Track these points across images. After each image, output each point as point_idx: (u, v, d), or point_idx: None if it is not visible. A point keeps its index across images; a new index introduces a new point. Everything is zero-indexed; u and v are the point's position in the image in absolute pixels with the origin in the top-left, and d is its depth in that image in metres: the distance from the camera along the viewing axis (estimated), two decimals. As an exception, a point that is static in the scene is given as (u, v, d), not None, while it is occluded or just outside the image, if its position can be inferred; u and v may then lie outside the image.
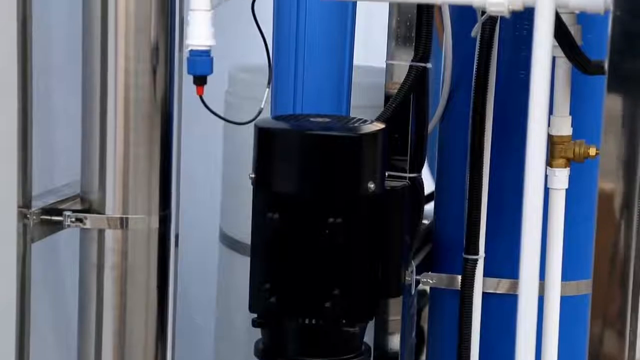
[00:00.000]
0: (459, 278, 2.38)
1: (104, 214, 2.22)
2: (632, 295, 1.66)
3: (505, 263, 2.40)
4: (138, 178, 2.21)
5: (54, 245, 2.81)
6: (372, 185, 2.00)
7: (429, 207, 2.56)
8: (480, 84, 2.27)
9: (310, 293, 2.00)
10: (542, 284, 1.81)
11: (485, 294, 2.40)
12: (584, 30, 2.11)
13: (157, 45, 2.20)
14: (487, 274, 2.40)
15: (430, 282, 2.45)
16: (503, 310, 2.39)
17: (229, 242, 2.89)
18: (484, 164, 2.32)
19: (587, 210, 2.25)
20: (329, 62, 2.29)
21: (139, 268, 2.24)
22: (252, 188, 2.04)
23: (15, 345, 2.15)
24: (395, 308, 2.38)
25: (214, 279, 3.06)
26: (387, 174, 2.10)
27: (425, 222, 2.53)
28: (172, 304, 2.31)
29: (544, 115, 1.69)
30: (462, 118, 2.38)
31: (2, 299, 2.15)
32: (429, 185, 2.53)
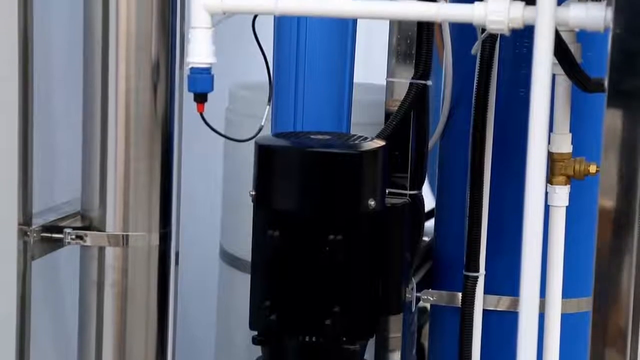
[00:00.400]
0: (460, 295, 2.38)
1: (104, 231, 2.22)
2: (632, 313, 1.66)
3: (506, 280, 2.40)
4: (138, 195, 2.21)
5: (54, 263, 2.81)
6: (372, 203, 2.00)
7: (430, 224, 2.56)
8: (481, 102, 2.28)
9: (311, 310, 2.00)
10: (542, 302, 1.80)
11: (486, 312, 2.40)
12: (584, 48, 2.11)
13: (157, 63, 2.20)
14: (487, 292, 2.40)
15: (431, 299, 2.45)
16: (503, 328, 2.39)
17: (229, 259, 2.89)
18: (484, 181, 2.32)
19: (587, 228, 2.25)
20: (330, 79, 2.29)
21: (139, 285, 2.24)
22: (252, 205, 2.04)
23: (16, 362, 2.15)
24: (396, 325, 2.38)
25: (214, 296, 3.06)
26: (387, 191, 2.10)
27: (426, 239, 2.53)
28: (172, 321, 2.31)
29: (544, 133, 1.70)
30: (462, 135, 2.39)
31: (2, 316, 2.15)
32: (430, 203, 2.53)
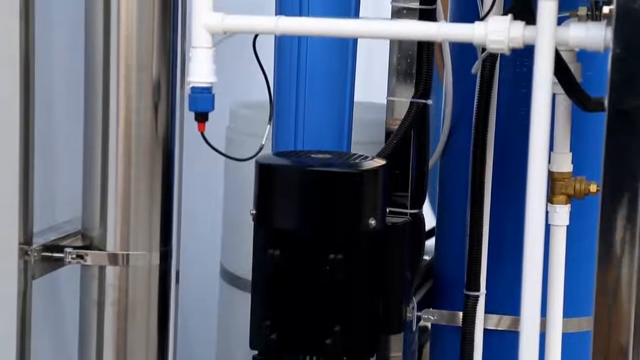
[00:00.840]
0: (460, 314, 2.38)
1: (105, 251, 2.21)
2: (633, 333, 1.65)
3: (507, 300, 2.39)
4: (139, 214, 2.22)
5: (55, 282, 2.80)
6: (373, 222, 2.00)
7: (430, 243, 2.56)
8: (481, 121, 2.28)
9: (311, 330, 1.99)
10: (543, 321, 1.80)
11: (487, 331, 2.40)
12: (584, 68, 2.12)
13: (158, 82, 2.21)
14: (488, 311, 2.39)
15: (432, 318, 2.45)
16: (504, 347, 2.38)
17: (230, 278, 2.89)
18: (485, 200, 2.32)
19: (588, 247, 2.25)
20: (330, 98, 2.29)
21: (140, 304, 2.24)
22: (253, 224, 2.04)
23: (16, 382, 2.15)
24: (397, 344, 2.38)
25: (215, 315, 3.05)
26: (388, 210, 2.10)
27: (426, 258, 2.53)
28: (172, 340, 2.30)
29: (545, 152, 1.70)
30: (462, 154, 2.39)
31: (2, 336, 2.15)
32: (430, 221, 2.53)
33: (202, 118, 1.99)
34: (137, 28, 2.17)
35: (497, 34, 1.77)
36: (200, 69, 1.95)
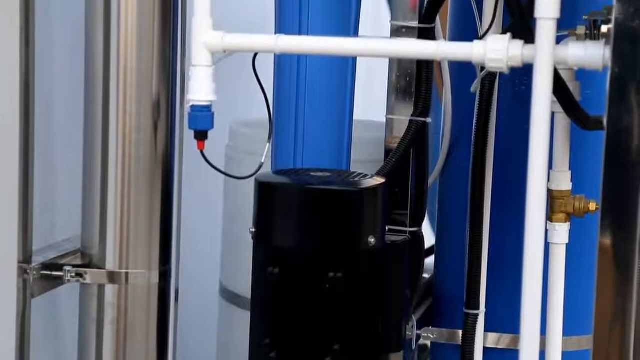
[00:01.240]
0: (460, 333, 2.37)
1: (104, 269, 2.21)
2: (633, 351, 1.65)
3: (506, 318, 2.39)
4: (138, 233, 2.21)
5: (54, 300, 2.80)
6: (372, 240, 2.00)
7: (430, 261, 2.55)
8: (480, 139, 2.28)
9: (311, 348, 1.99)
10: (543, 339, 1.80)
11: (486, 349, 2.39)
12: (583, 86, 2.12)
13: (158, 101, 2.21)
14: (488, 329, 2.39)
15: (431, 336, 2.44)
16: (504, 365, 2.38)
17: (229, 296, 2.88)
18: (484, 219, 2.32)
19: (587, 265, 2.25)
20: (330, 117, 2.29)
21: (139, 323, 2.24)
22: (252, 242, 2.04)
23: (14, 401, 2.15)
24: (396, 363, 2.37)
25: (214, 333, 3.05)
26: (387, 228, 2.10)
27: (426, 276, 2.53)
28: (172, 359, 2.30)
29: (544, 171, 1.70)
30: (462, 172, 2.39)
31: (1, 354, 2.14)
32: (430, 239, 2.53)
33: (201, 136, 1.99)
34: (137, 46, 2.18)
35: (496, 53, 1.77)
36: (200, 88, 1.95)
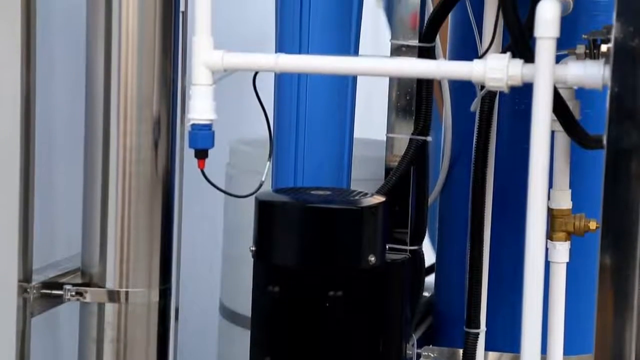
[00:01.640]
0: (461, 352, 2.37)
1: (104, 288, 2.21)
2: (634, 370, 1.65)
3: (507, 337, 2.39)
4: (139, 251, 2.21)
5: (54, 319, 2.80)
6: (372, 258, 2.00)
7: (430, 279, 2.55)
8: (480, 158, 2.28)
9: (311, 367, 1.99)
10: (543, 358, 1.79)
11: (487, 368, 2.39)
12: (583, 105, 2.12)
13: (159, 120, 2.21)
14: (488, 348, 2.38)
15: (432, 355, 2.44)
16: (505, 385, 2.38)
17: (229, 315, 2.88)
18: (485, 237, 2.32)
19: (588, 284, 2.25)
20: (330, 135, 2.30)
21: (139, 342, 2.23)
22: (252, 261, 2.04)
23: (13, 421, 2.14)
24: (397, 382, 2.36)
25: (214, 352, 3.04)
26: (387, 247, 2.10)
27: (426, 294, 2.53)
28: (171, 378, 2.30)
29: (544, 189, 1.70)
30: (462, 191, 2.39)
31: (0, 373, 2.14)
32: (430, 258, 2.53)
33: (202, 155, 2.00)
34: (137, 65, 2.18)
35: (495, 72, 1.78)
36: (201, 106, 1.96)
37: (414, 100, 2.37)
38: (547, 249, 1.90)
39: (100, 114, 2.19)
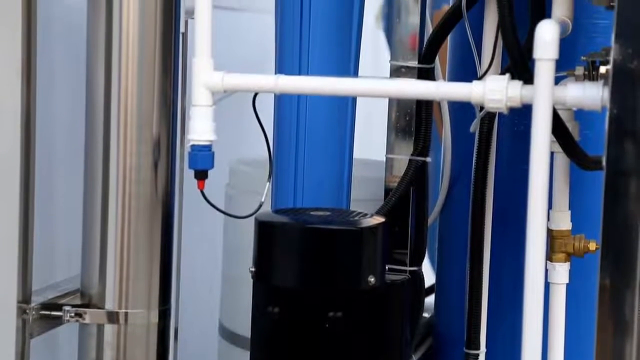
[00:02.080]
0: (461, 373, 2.37)
1: (104, 309, 2.21)
2: (635, 392, 1.65)
3: (507, 358, 2.38)
4: (138, 272, 2.21)
5: (53, 341, 2.79)
6: (372, 279, 2.00)
7: (430, 300, 2.55)
8: (480, 178, 2.28)
9: (310, 388, 1.98)
10: (544, 380, 1.79)
11: (487, 389, 2.39)
12: (582, 126, 2.13)
13: (158, 140, 2.21)
14: (488, 369, 2.38)
15: (431, 376, 2.44)
16: (505, 406, 2.37)
17: (229, 335, 2.87)
18: (484, 258, 2.32)
19: (588, 305, 2.24)
20: (329, 156, 2.30)
21: (138, 363, 2.23)
22: (252, 281, 2.04)
23: None
24: (397, 403, 2.36)
25: (214, 373, 3.03)
26: (387, 267, 2.09)
27: (426, 315, 2.52)
28: (171, 399, 2.29)
29: (544, 210, 1.70)
30: (462, 211, 2.39)
31: (0, 395, 2.13)
32: (430, 278, 2.52)
33: (201, 176, 2.00)
34: (137, 86, 2.19)
35: (495, 93, 1.78)
36: (201, 127, 1.96)
37: (414, 121, 2.37)
38: (546, 270, 1.90)
39: (100, 135, 2.19)
